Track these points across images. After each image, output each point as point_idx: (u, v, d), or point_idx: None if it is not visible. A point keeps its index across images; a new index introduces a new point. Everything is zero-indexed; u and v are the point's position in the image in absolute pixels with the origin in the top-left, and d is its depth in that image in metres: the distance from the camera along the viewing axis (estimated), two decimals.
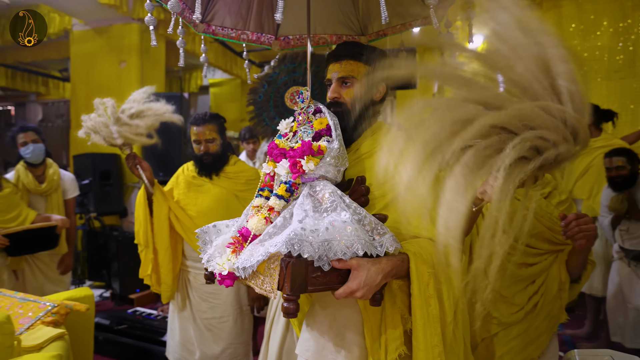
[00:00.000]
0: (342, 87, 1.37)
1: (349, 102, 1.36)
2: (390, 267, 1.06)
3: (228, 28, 1.72)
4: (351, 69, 1.35)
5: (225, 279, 1.09)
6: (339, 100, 1.36)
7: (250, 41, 1.78)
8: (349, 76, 1.35)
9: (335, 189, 1.13)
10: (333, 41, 1.85)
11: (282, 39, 1.86)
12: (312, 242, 0.96)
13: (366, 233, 1.06)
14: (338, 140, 1.17)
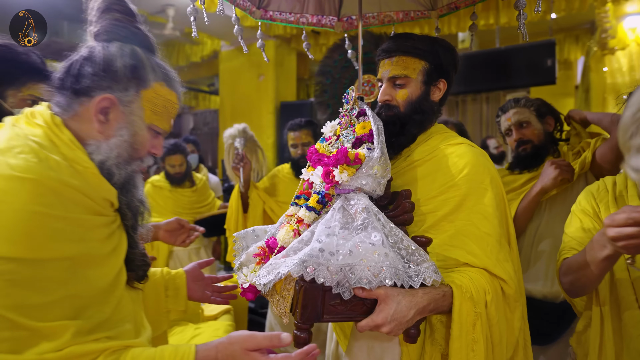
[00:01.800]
0: (394, 88, 1.20)
1: (402, 105, 1.19)
2: (426, 302, 0.90)
3: (286, 12, 1.64)
4: (404, 66, 1.18)
5: (247, 292, 1.01)
6: (391, 103, 1.21)
7: (310, 24, 1.68)
8: (401, 75, 1.18)
9: (369, 204, 0.99)
10: (399, 19, 1.65)
11: (344, 19, 1.71)
12: (329, 266, 0.84)
13: (400, 259, 0.91)
14: (380, 148, 1.02)
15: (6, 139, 0.75)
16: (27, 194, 0.70)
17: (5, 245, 0.67)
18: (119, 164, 0.85)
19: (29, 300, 0.68)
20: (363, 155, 1.01)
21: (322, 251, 0.87)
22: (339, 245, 0.89)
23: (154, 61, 0.90)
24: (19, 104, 1.31)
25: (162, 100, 0.90)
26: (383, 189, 1.04)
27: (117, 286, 0.85)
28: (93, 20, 0.89)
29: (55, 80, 0.86)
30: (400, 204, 1.06)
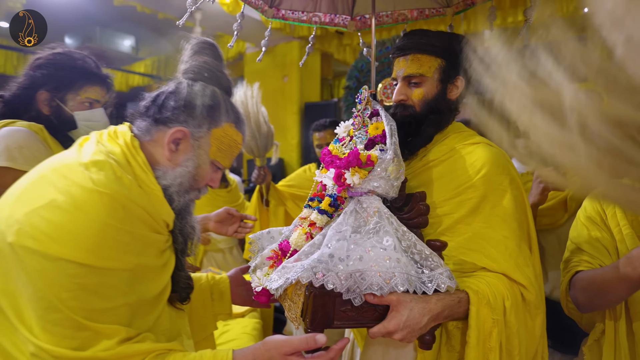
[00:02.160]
0: (409, 87, 1.17)
1: (418, 104, 1.16)
2: (440, 308, 0.88)
3: (298, 11, 1.62)
4: (419, 64, 1.14)
5: (260, 296, 1.01)
6: (406, 102, 1.17)
7: (323, 23, 1.65)
8: (416, 74, 1.15)
9: (381, 207, 0.96)
10: (414, 17, 1.60)
11: (357, 18, 1.68)
12: (338, 272, 0.82)
13: (413, 265, 0.88)
14: (393, 150, 1.00)
15: (92, 153, 0.83)
16: (103, 208, 0.76)
17: (79, 251, 0.73)
18: (179, 192, 0.91)
19: (93, 304, 0.74)
20: (375, 157, 0.99)
21: (331, 257, 0.85)
22: (350, 251, 0.87)
23: (229, 104, 0.97)
24: (77, 106, 1.42)
25: (229, 140, 0.97)
26: (397, 191, 1.01)
27: (160, 301, 0.90)
28: (184, 59, 0.99)
29: (141, 106, 0.94)
30: (414, 207, 1.03)
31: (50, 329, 0.71)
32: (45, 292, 0.71)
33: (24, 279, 0.72)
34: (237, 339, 2.01)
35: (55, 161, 0.83)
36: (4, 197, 0.82)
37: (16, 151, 1.26)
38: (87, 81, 1.43)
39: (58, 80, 1.39)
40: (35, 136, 1.33)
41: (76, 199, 0.75)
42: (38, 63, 1.40)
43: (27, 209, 0.74)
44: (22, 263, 0.72)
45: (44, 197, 0.75)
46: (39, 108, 1.39)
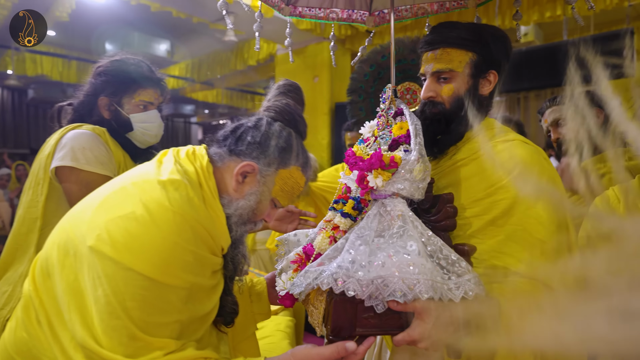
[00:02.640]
0: (438, 83, 1.12)
1: (448, 101, 1.11)
2: (469, 317, 0.83)
3: (315, 8, 1.57)
4: (449, 59, 1.09)
5: (284, 299, 1.01)
6: (435, 99, 1.12)
7: (340, 20, 1.60)
8: (445, 69, 1.09)
9: (405, 210, 0.93)
10: (434, 10, 1.52)
11: (376, 14, 1.63)
12: (360, 278, 0.80)
13: (439, 271, 0.85)
14: (418, 150, 0.96)
15: (169, 172, 0.87)
16: (175, 227, 0.80)
17: (148, 265, 0.77)
18: (237, 222, 0.94)
19: (151, 317, 0.78)
20: (399, 158, 0.95)
21: (352, 263, 0.83)
22: (372, 256, 0.84)
23: (300, 148, 1.01)
24: (133, 109, 1.51)
25: (293, 182, 1.00)
26: (422, 193, 0.97)
27: (208, 320, 0.93)
28: (269, 97, 1.05)
29: (221, 133, 1.00)
30: (441, 209, 0.99)
31: (109, 334, 0.75)
32: (112, 298, 0.76)
33: (95, 281, 0.77)
34: (271, 335, 2.04)
35: (137, 175, 0.88)
36: (87, 200, 0.88)
37: (79, 152, 1.36)
38: (141, 85, 1.51)
39: (115, 85, 1.49)
40: (97, 138, 1.43)
41: (153, 215, 0.79)
42: (98, 71, 1.51)
43: (108, 217, 0.80)
44: (96, 267, 0.77)
45: (124, 207, 0.80)
46: (100, 113, 1.50)
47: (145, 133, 1.53)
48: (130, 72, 1.50)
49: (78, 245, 0.80)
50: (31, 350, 0.84)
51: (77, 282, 0.79)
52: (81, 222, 0.82)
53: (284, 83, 1.06)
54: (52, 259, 0.83)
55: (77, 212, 0.87)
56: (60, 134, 1.42)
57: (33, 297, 0.85)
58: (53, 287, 0.83)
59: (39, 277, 0.86)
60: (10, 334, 0.88)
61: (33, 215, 1.38)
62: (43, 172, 1.39)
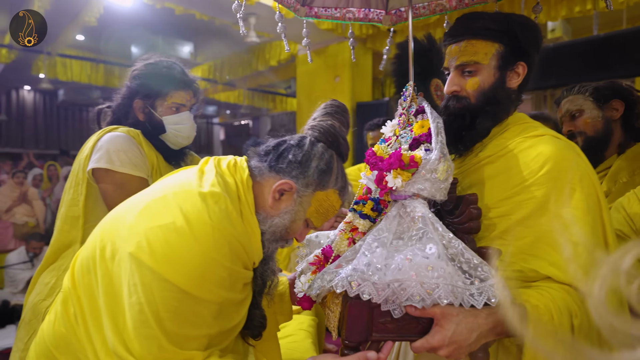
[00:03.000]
0: (462, 77, 1.06)
1: (473, 95, 1.05)
2: (492, 324, 0.79)
3: (331, 8, 1.55)
4: (474, 51, 1.03)
5: (303, 302, 0.99)
6: (460, 94, 1.07)
7: (357, 20, 1.58)
8: (470, 62, 1.04)
9: (425, 212, 0.89)
10: (452, 7, 1.46)
11: (393, 12, 1.59)
12: (375, 281, 0.78)
13: (460, 275, 0.81)
14: (439, 149, 0.92)
15: (210, 184, 0.87)
16: (213, 242, 0.81)
17: (184, 277, 0.78)
18: (270, 239, 0.94)
19: (182, 330, 0.79)
20: (419, 157, 0.92)
21: (368, 265, 0.80)
22: (388, 259, 0.81)
23: (340, 171, 0.99)
24: (165, 111, 1.54)
25: (328, 205, 0.98)
26: (445, 194, 0.94)
27: (234, 332, 0.93)
28: (315, 116, 1.03)
29: (263, 148, 0.99)
30: (464, 211, 0.95)
31: (141, 341, 0.76)
32: (146, 306, 0.76)
33: (130, 288, 0.78)
34: (294, 334, 2.03)
35: (179, 184, 0.88)
36: (129, 204, 0.89)
37: (114, 155, 1.41)
38: (173, 87, 1.54)
39: (148, 88, 1.52)
40: (132, 141, 1.47)
41: (192, 228, 0.80)
42: (133, 74, 1.55)
43: (149, 225, 0.81)
44: (134, 274, 0.78)
45: (165, 217, 0.81)
46: (136, 115, 1.54)
47: (178, 135, 1.56)
48: (163, 75, 1.53)
49: (118, 249, 0.81)
50: (69, 346, 0.86)
51: (114, 285, 0.81)
52: (122, 226, 0.83)
53: (331, 103, 1.04)
54: (92, 259, 0.85)
55: (119, 215, 0.88)
56: (97, 136, 1.48)
57: (71, 294, 0.87)
58: (91, 287, 0.84)
59: (78, 274, 0.88)
60: (49, 328, 0.90)
61: (75, 214, 1.45)
62: (82, 172, 1.45)
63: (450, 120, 1.07)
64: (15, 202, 5.25)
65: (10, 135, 11.08)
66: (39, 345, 0.90)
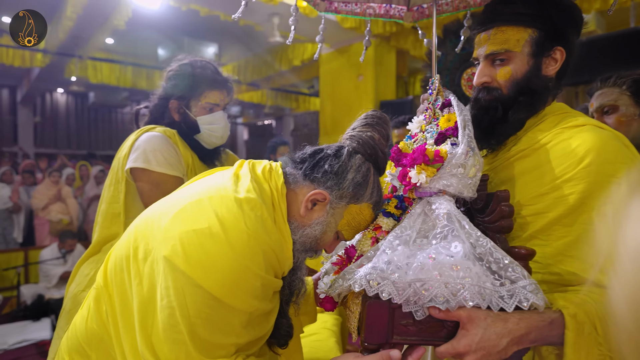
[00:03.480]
0: (493, 67, 1.00)
1: (505, 85, 0.99)
2: (524, 330, 0.74)
3: (351, 3, 1.52)
4: (504, 39, 0.97)
5: (325, 303, 0.96)
6: (490, 85, 1.00)
7: (377, 16, 1.53)
8: (501, 50, 0.97)
9: (451, 209, 0.85)
10: (477, 3, 1.39)
11: (415, 9, 1.54)
12: (395, 280, 0.74)
13: (488, 276, 0.76)
14: (466, 143, 0.87)
15: (246, 189, 0.85)
16: (248, 250, 0.79)
17: (217, 284, 0.76)
18: (299, 250, 0.92)
19: (212, 337, 0.77)
20: (445, 152, 0.88)
21: (388, 264, 0.77)
22: (410, 257, 0.77)
23: (376, 185, 0.95)
24: (199, 111, 1.56)
25: (361, 219, 0.95)
26: (473, 190, 0.89)
27: (261, 341, 0.91)
28: (355, 125, 0.99)
29: (299, 155, 0.97)
30: (495, 209, 0.89)
31: (170, 346, 0.75)
32: (177, 311, 0.75)
33: (162, 291, 0.77)
34: (317, 333, 2.01)
35: (214, 188, 0.86)
36: (164, 205, 0.88)
37: (151, 154, 1.44)
38: (207, 87, 1.55)
39: (182, 89, 1.54)
40: (168, 141, 1.50)
41: (228, 234, 0.78)
42: (168, 75, 1.58)
43: (184, 229, 0.79)
44: (167, 277, 0.76)
45: (200, 222, 0.79)
46: (171, 115, 1.57)
47: (212, 134, 1.58)
48: (197, 76, 1.54)
49: (152, 251, 0.81)
50: (102, 343, 0.86)
51: (144, 287, 0.80)
52: (157, 228, 0.82)
53: (372, 114, 1.00)
54: (126, 258, 0.85)
55: (153, 216, 0.86)
56: (136, 136, 1.51)
57: (104, 292, 0.87)
58: (124, 286, 0.84)
59: (111, 272, 0.88)
60: (81, 323, 0.90)
61: (115, 210, 1.50)
62: (121, 171, 1.49)
63: (481, 113, 1.01)
64: (51, 200, 5.45)
65: (44, 136, 11.52)
66: (71, 340, 0.91)
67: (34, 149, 10.87)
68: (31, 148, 10.80)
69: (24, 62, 6.98)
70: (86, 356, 0.87)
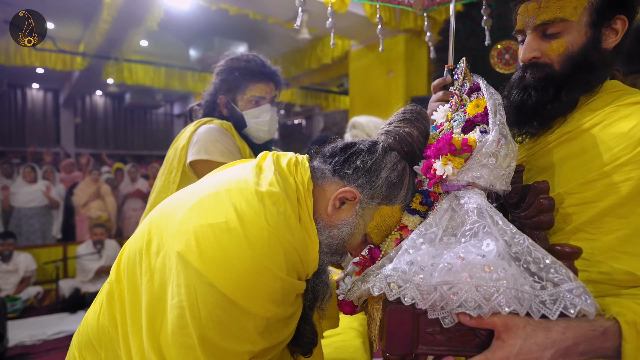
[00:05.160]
0: (542, 40, 0.89)
1: (558, 61, 0.88)
2: (572, 341, 0.65)
3: None
4: (560, 5, 0.85)
5: (344, 306, 0.89)
6: (540, 61, 0.89)
7: (385, 0, 1.48)
8: (555, 19, 0.85)
9: (482, 203, 0.76)
10: None
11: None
12: (419, 283, 0.66)
13: (527, 278, 0.67)
14: (497, 129, 0.78)
15: (269, 182, 0.79)
16: (268, 249, 0.72)
17: (231, 284, 0.69)
18: (324, 252, 0.85)
19: (223, 342, 0.70)
20: (473, 140, 0.79)
21: (411, 264, 0.69)
22: (436, 257, 0.70)
23: (411, 187, 0.89)
24: (246, 105, 1.56)
25: (392, 222, 0.88)
26: (507, 183, 0.80)
27: (279, 347, 0.84)
28: (392, 119, 0.92)
29: (328, 148, 0.90)
30: (533, 202, 0.79)
31: (177, 350, 0.69)
32: (188, 311, 0.69)
33: (174, 289, 0.71)
34: (343, 333, 1.93)
35: (234, 180, 0.80)
36: (182, 196, 0.82)
37: (211, 145, 1.44)
38: (251, 80, 1.54)
39: (229, 83, 1.54)
40: (226, 133, 1.51)
41: (247, 230, 0.71)
42: (217, 71, 1.58)
43: (200, 222, 0.73)
44: (180, 274, 0.71)
45: (217, 215, 0.73)
46: (220, 110, 1.58)
47: (259, 129, 1.56)
48: (241, 69, 1.53)
49: (165, 245, 0.75)
50: (112, 340, 0.81)
51: (154, 283, 0.74)
52: (172, 221, 0.77)
53: (411, 108, 0.92)
54: (140, 252, 0.79)
55: (169, 208, 0.81)
56: (194, 127, 1.52)
57: (116, 287, 0.82)
58: (135, 281, 0.78)
59: (124, 265, 0.82)
60: (93, 318, 0.86)
61: None
62: (177, 162, 1.49)
63: (527, 94, 0.90)
64: (91, 198, 5.64)
65: (85, 136, 12.02)
66: (82, 335, 0.87)
67: (75, 149, 11.35)
68: (72, 148, 11.28)
69: (64, 66, 7.26)
70: (95, 353, 0.83)
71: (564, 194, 0.83)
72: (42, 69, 8.89)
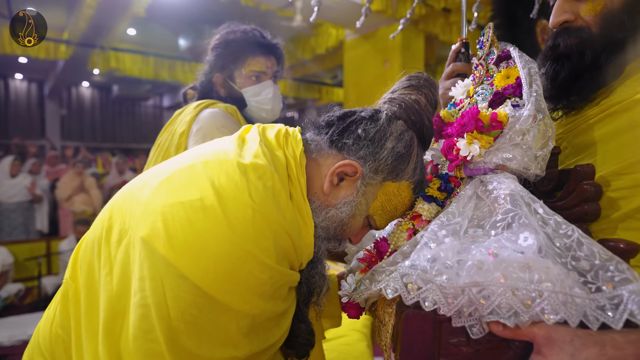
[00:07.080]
0: (576, 1, 0.78)
1: (594, 22, 0.77)
2: (632, 358, 0.53)
3: None
4: None
5: (348, 308, 0.77)
6: (573, 24, 0.79)
7: None
8: None
9: (516, 188, 0.64)
10: None
11: None
12: (443, 284, 0.55)
13: (577, 279, 0.55)
14: (533, 102, 0.67)
15: (253, 154, 0.67)
16: (252, 231, 0.59)
17: (206, 275, 0.57)
18: (321, 237, 0.73)
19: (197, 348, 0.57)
20: (504, 115, 0.67)
21: (432, 261, 0.57)
22: (462, 253, 0.58)
23: (420, 162, 0.77)
24: (245, 82, 1.37)
25: (398, 202, 0.77)
26: (542, 167, 0.69)
27: (271, 350, 0.71)
28: (395, 88, 0.82)
29: (324, 118, 0.78)
30: (573, 189, 0.67)
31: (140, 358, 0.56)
32: (153, 310, 0.56)
33: (137, 283, 0.58)
34: (346, 335, 1.82)
35: (212, 152, 0.68)
36: (149, 175, 0.68)
37: (218, 133, 1.25)
38: (250, 53, 1.35)
39: (224, 58, 1.36)
40: (231, 117, 1.32)
41: (226, 208, 0.59)
42: (212, 46, 1.39)
43: (168, 201, 0.61)
44: (144, 264, 0.58)
45: (190, 192, 0.61)
46: (217, 91, 1.39)
47: (261, 108, 1.38)
48: (238, 41, 1.35)
49: (128, 230, 0.61)
50: (67, 351, 0.66)
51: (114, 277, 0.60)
52: (137, 202, 0.63)
53: (417, 75, 0.81)
54: (98, 241, 0.65)
55: (134, 188, 0.67)
56: (195, 111, 1.31)
57: (70, 285, 0.68)
58: (92, 277, 0.64)
59: (81, 260, 0.67)
60: (45, 326, 0.72)
61: None
62: (175, 148, 1.30)
63: (560, 63, 0.79)
64: (75, 191, 5.46)
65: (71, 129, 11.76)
66: (32, 347, 0.73)
67: (61, 142, 11.09)
68: (58, 141, 11.01)
69: (48, 54, 7.00)
70: None
71: (609, 175, 0.71)
72: (25, 58, 8.61)
